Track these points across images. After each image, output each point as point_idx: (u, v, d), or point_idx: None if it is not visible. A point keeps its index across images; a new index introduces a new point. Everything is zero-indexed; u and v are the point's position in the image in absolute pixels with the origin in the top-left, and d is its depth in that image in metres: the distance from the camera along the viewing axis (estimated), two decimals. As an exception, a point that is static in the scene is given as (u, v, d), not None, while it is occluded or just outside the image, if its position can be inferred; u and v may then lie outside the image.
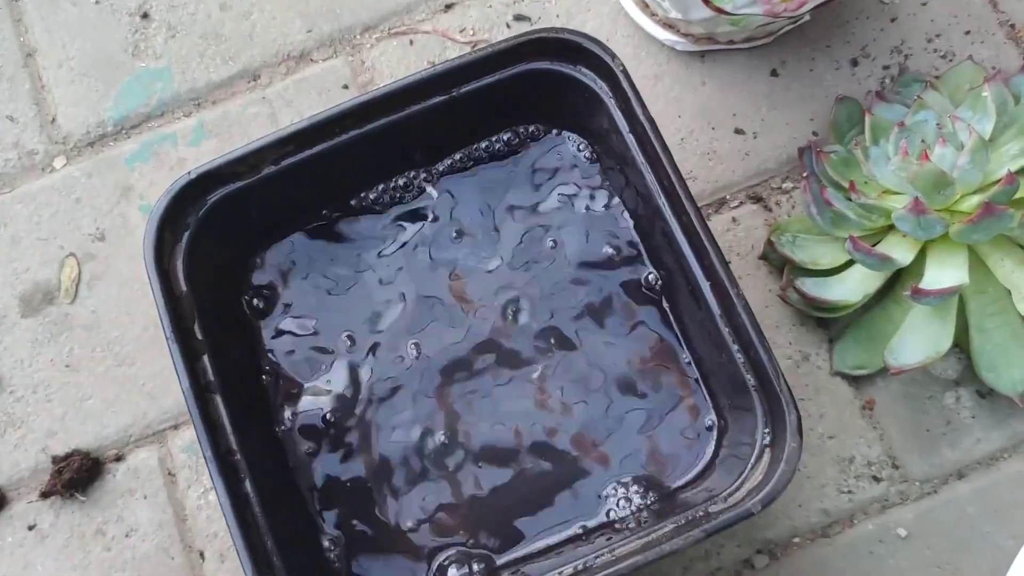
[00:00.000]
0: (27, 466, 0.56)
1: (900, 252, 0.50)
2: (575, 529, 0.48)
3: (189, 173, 0.47)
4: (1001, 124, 0.51)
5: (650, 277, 0.51)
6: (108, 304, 0.59)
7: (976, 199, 0.48)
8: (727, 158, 0.58)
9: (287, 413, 0.51)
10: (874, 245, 0.50)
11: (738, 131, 0.59)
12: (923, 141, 0.49)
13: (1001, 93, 0.51)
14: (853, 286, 0.52)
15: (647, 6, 0.58)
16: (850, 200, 0.50)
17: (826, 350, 0.54)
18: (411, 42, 0.62)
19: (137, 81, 0.63)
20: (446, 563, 0.48)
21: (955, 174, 0.47)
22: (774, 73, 0.60)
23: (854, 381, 0.54)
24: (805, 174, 0.53)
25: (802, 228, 0.54)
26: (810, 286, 0.52)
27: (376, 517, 0.49)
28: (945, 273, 0.49)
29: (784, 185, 0.58)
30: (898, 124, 0.50)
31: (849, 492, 0.52)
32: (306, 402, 0.51)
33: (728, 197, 0.58)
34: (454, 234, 0.53)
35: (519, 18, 0.62)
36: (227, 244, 0.50)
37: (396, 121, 0.49)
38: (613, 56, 0.46)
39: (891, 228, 0.51)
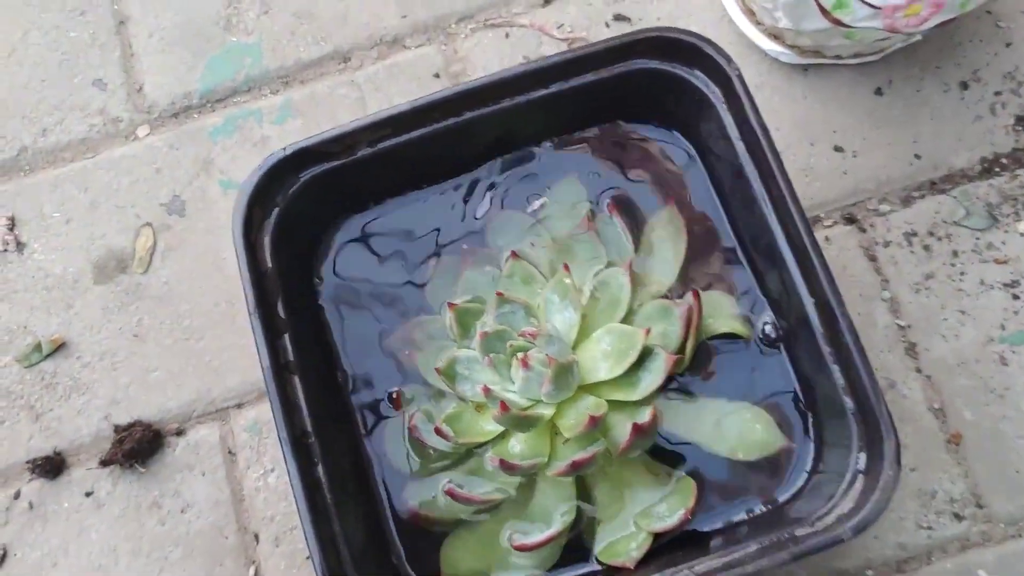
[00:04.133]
0: (88, 432, 0.56)
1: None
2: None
3: (284, 149, 0.46)
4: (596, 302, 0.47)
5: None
6: (180, 277, 0.58)
7: (574, 419, 0.44)
8: (824, 175, 0.57)
9: (359, 395, 0.50)
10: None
11: (837, 148, 0.57)
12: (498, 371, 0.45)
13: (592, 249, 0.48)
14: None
15: (753, 14, 0.56)
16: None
17: (912, 379, 0.52)
18: (507, 35, 0.61)
19: (226, 55, 0.63)
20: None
21: (541, 410, 0.45)
22: (879, 92, 0.58)
23: (940, 413, 0.52)
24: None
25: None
26: None
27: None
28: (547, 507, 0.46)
29: (881, 207, 0.56)
30: (480, 333, 0.45)
31: (929, 528, 0.50)
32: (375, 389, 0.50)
33: (822, 216, 0.56)
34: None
35: (619, 18, 0.61)
36: (314, 224, 0.49)
37: (494, 112, 0.48)
38: (729, 60, 0.45)
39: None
